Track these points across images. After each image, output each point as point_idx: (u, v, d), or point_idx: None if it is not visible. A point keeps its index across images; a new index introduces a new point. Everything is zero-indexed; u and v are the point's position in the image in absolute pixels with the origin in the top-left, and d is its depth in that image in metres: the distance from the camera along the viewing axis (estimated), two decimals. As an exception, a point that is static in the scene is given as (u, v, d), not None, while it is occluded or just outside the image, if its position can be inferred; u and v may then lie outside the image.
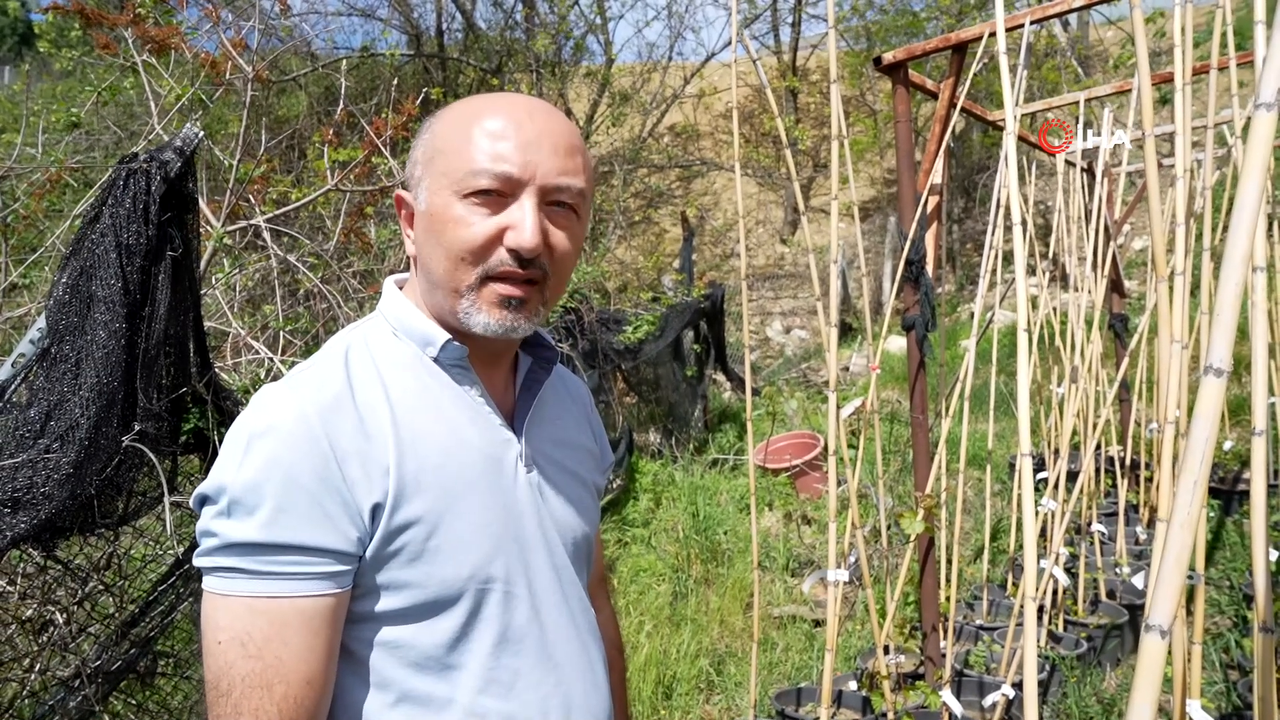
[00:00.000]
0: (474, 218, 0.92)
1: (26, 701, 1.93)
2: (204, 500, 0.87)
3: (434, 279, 0.96)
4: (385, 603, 0.90)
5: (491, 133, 0.93)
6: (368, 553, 0.88)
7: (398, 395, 0.94)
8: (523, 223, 0.92)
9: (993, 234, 3.06)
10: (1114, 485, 4.64)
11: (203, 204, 2.52)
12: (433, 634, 0.92)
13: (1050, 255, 4.15)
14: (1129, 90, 3.89)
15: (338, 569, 0.87)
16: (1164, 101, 8.63)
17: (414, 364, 0.97)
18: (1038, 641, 3.45)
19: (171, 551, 2.10)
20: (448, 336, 0.97)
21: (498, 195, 0.92)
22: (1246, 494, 4.65)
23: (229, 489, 0.84)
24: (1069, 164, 4.45)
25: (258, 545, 0.83)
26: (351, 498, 0.86)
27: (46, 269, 3.62)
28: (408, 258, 1.04)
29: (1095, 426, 3.41)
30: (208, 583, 0.86)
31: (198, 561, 0.87)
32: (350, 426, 0.88)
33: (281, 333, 3.46)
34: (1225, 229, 4.41)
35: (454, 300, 0.95)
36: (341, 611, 0.89)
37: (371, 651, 0.91)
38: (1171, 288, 1.76)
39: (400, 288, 1.05)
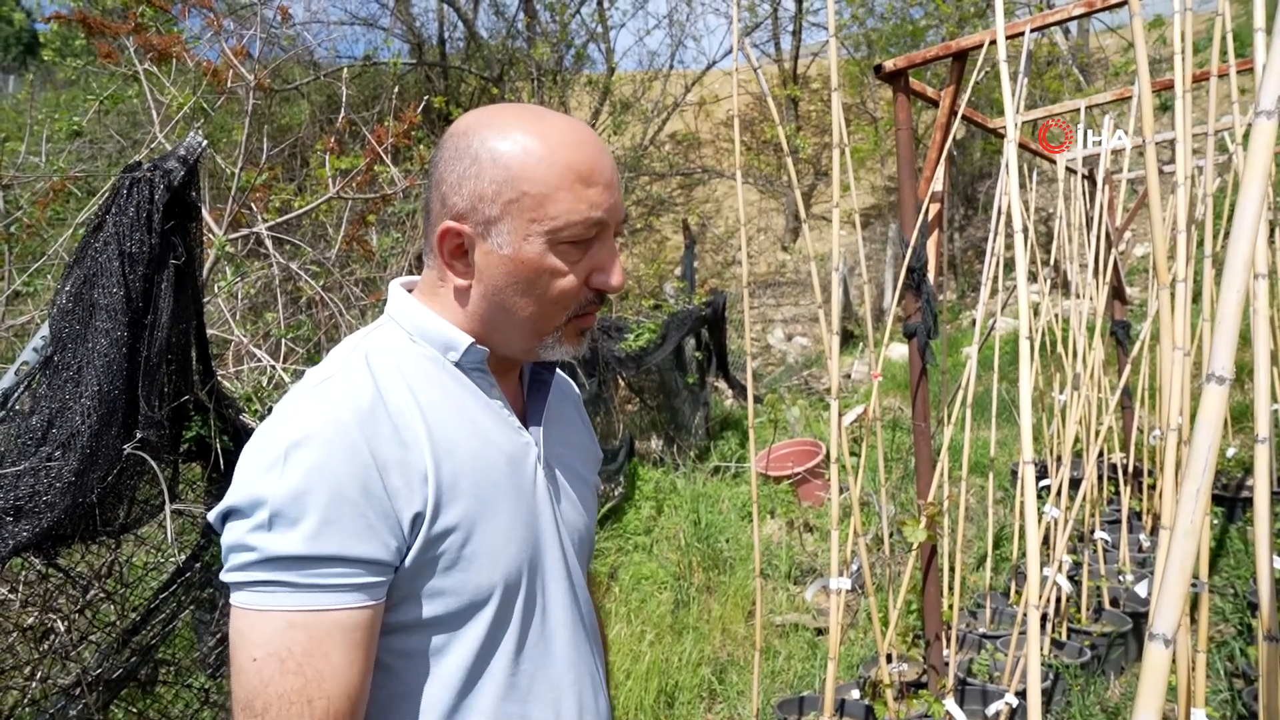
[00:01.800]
0: (566, 265, 0.94)
1: (27, 710, 1.92)
2: (232, 514, 0.84)
3: (515, 320, 0.96)
4: (418, 611, 0.89)
5: (583, 176, 0.92)
6: (406, 561, 0.87)
7: (425, 400, 0.92)
8: (611, 266, 0.97)
9: (994, 241, 3.07)
10: (1117, 492, 4.63)
11: (205, 212, 2.53)
12: (461, 642, 0.91)
13: (1052, 262, 4.15)
14: (1129, 97, 3.89)
15: (376, 580, 0.85)
16: (1164, 108, 8.64)
17: (434, 368, 0.96)
18: (1041, 650, 3.44)
19: (173, 560, 2.09)
20: (471, 340, 0.96)
21: (587, 240, 0.94)
22: (1250, 501, 4.64)
23: (269, 500, 0.81)
24: (1070, 171, 4.45)
25: (302, 558, 0.81)
26: (392, 508, 0.85)
27: (50, 277, 3.63)
28: (411, 264, 1.04)
29: (1098, 434, 3.40)
30: (240, 598, 0.83)
31: (229, 577, 0.83)
32: (387, 434, 0.86)
33: (283, 340, 3.47)
34: (1226, 236, 4.40)
35: (537, 339, 0.97)
36: (378, 623, 0.87)
37: (401, 662, 0.90)
38: (1173, 294, 1.76)
39: (409, 291, 1.03)
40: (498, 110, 0.96)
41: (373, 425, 0.86)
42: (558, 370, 1.20)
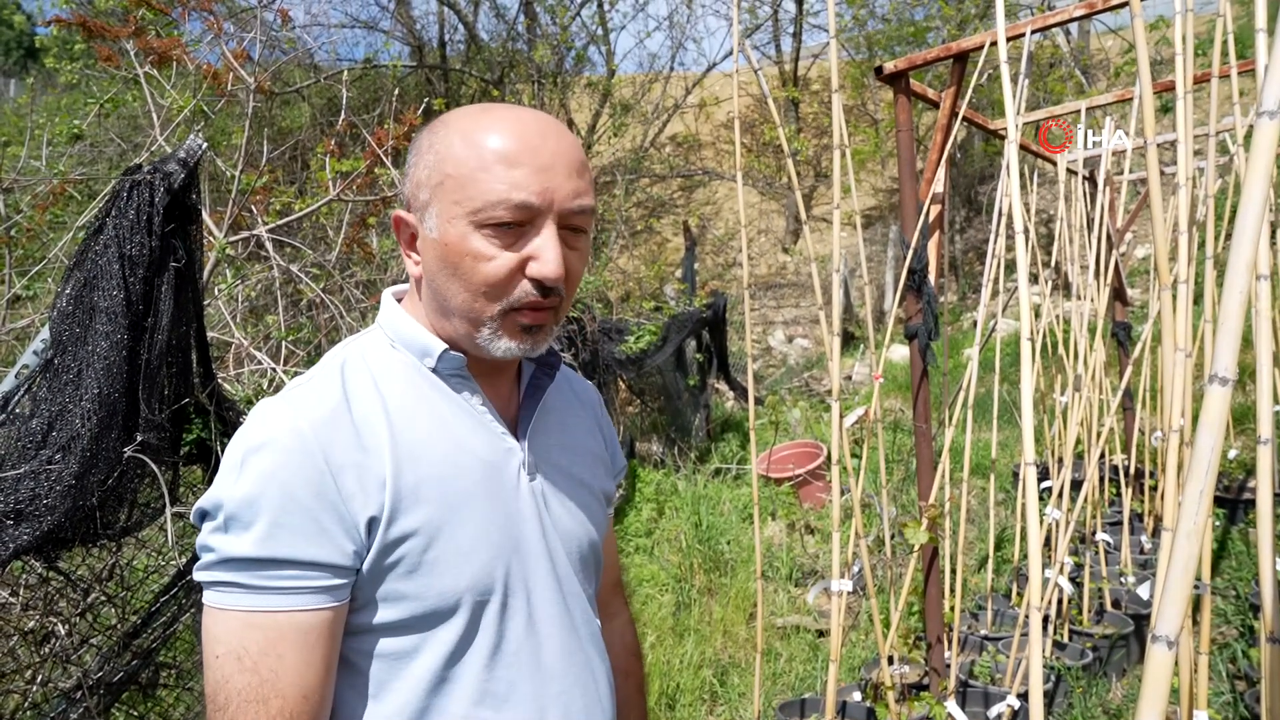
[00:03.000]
0: (493, 250, 0.90)
1: (28, 713, 1.92)
2: (204, 515, 0.87)
3: (449, 308, 0.95)
4: (383, 615, 0.90)
5: (506, 158, 0.89)
6: (365, 566, 0.88)
7: (395, 406, 0.93)
8: (545, 254, 0.91)
9: (995, 243, 3.06)
10: (1118, 494, 4.63)
11: (205, 215, 2.53)
12: (430, 645, 0.91)
13: (1053, 264, 4.15)
14: (1130, 99, 3.89)
15: (334, 583, 0.86)
16: (1165, 110, 8.64)
17: (412, 375, 0.97)
18: (1043, 651, 3.43)
19: (174, 562, 2.09)
20: (444, 346, 0.96)
21: (516, 225, 0.90)
22: (1252, 502, 4.63)
23: (225, 504, 0.84)
24: (1071, 172, 4.45)
25: (253, 560, 0.83)
26: (347, 511, 0.86)
27: (50, 280, 3.63)
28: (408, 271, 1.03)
29: (1099, 435, 3.40)
30: (207, 596, 0.86)
31: (197, 575, 0.87)
32: (346, 439, 0.88)
33: (284, 343, 3.47)
34: (1228, 237, 4.40)
35: (473, 329, 0.94)
36: (338, 625, 0.89)
37: (368, 663, 0.91)
38: (1175, 296, 1.76)
39: (399, 299, 1.05)
40: (458, 109, 0.98)
41: (330, 430, 0.87)
42: (575, 375, 1.19)
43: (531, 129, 0.91)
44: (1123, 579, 3.99)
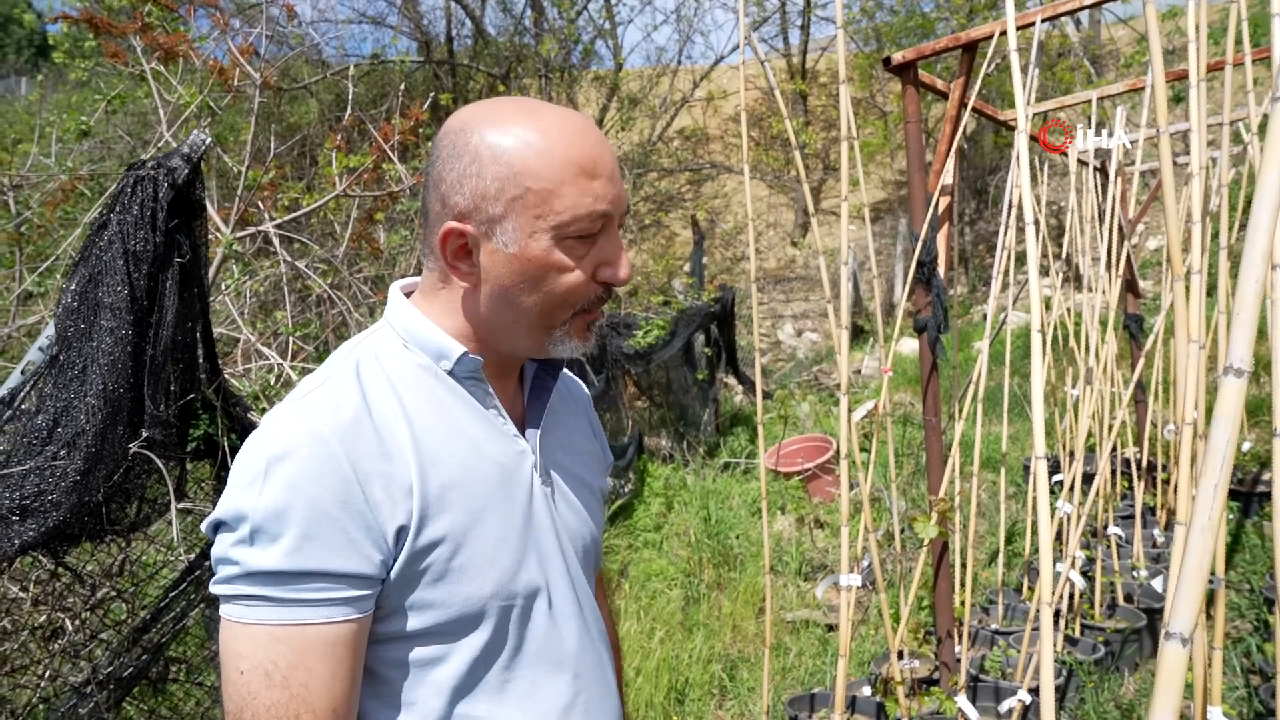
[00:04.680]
0: (572, 261, 0.92)
1: (40, 707, 1.93)
2: (219, 526, 0.84)
3: (523, 318, 0.94)
4: (409, 623, 0.89)
5: (585, 169, 0.90)
6: (392, 575, 0.86)
7: (414, 410, 0.91)
8: (618, 259, 0.94)
9: (1005, 235, 3.04)
10: (1130, 487, 4.59)
11: (212, 211, 2.53)
12: (455, 651, 0.91)
13: (1064, 256, 4.12)
14: (1142, 88, 3.85)
15: (360, 593, 0.85)
16: (1178, 99, 8.56)
17: (427, 377, 0.95)
18: (1054, 646, 3.41)
19: (183, 558, 2.10)
20: (463, 350, 0.94)
21: (593, 235, 0.93)
22: (1267, 495, 4.59)
23: (250, 516, 0.81)
24: (1082, 164, 4.41)
25: (282, 574, 0.81)
26: (375, 521, 0.84)
27: (59, 277, 3.64)
28: (419, 262, 1.02)
29: (1111, 428, 3.37)
30: (227, 610, 0.84)
31: (216, 589, 0.85)
32: (370, 447, 0.86)
33: (291, 338, 3.47)
34: (1242, 227, 4.36)
35: (542, 336, 0.95)
36: (364, 636, 0.87)
37: (394, 671, 0.90)
38: (1188, 287, 1.74)
39: (407, 294, 1.02)
40: (492, 104, 0.93)
41: (354, 438, 0.85)
42: (566, 373, 1.18)
43: (590, 133, 0.92)
44: (1135, 573, 3.96)
